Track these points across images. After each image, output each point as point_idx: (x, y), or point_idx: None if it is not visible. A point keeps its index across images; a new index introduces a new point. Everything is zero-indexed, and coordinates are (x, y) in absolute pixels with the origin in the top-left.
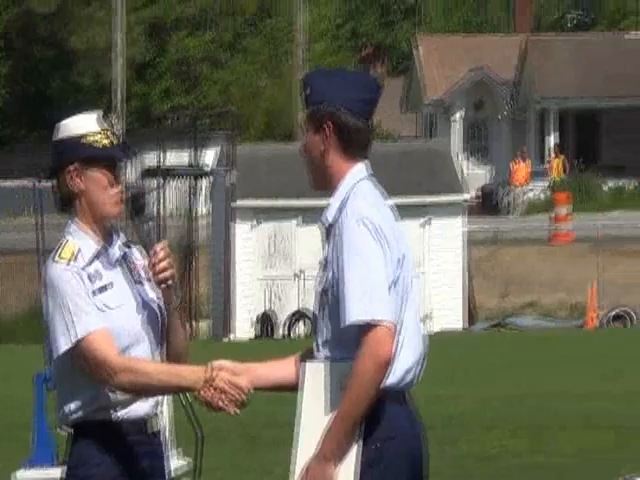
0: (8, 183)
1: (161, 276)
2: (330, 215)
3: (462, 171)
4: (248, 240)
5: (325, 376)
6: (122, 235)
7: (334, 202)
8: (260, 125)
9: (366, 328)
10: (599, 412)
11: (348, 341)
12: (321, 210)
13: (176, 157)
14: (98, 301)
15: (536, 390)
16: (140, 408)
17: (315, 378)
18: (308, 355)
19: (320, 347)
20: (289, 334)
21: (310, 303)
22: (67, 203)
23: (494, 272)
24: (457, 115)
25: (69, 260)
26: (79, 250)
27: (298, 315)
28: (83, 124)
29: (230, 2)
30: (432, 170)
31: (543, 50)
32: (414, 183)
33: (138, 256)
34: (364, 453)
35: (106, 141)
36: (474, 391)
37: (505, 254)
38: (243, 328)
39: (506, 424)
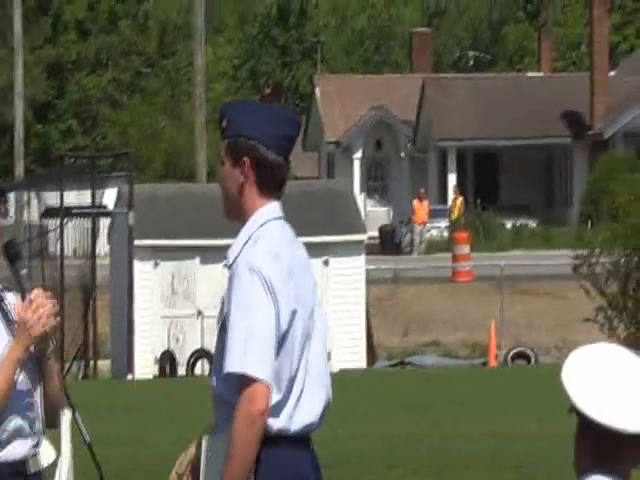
0: None
1: (41, 327)
2: (231, 255)
3: (362, 210)
4: (148, 279)
5: (214, 446)
6: None
7: (237, 242)
8: (159, 166)
9: (242, 380)
10: (502, 451)
11: (234, 382)
12: (221, 250)
13: (76, 197)
14: None
15: (439, 429)
16: (20, 449)
17: (209, 449)
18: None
19: (215, 380)
20: (191, 372)
21: (211, 342)
22: None
23: (395, 311)
24: (357, 154)
25: None
26: None
27: (199, 354)
28: None
29: (129, 42)
30: (333, 210)
31: (442, 89)
32: (314, 223)
33: (12, 300)
34: None
35: None
36: (375, 430)
37: (406, 293)
38: (144, 367)
39: (408, 463)
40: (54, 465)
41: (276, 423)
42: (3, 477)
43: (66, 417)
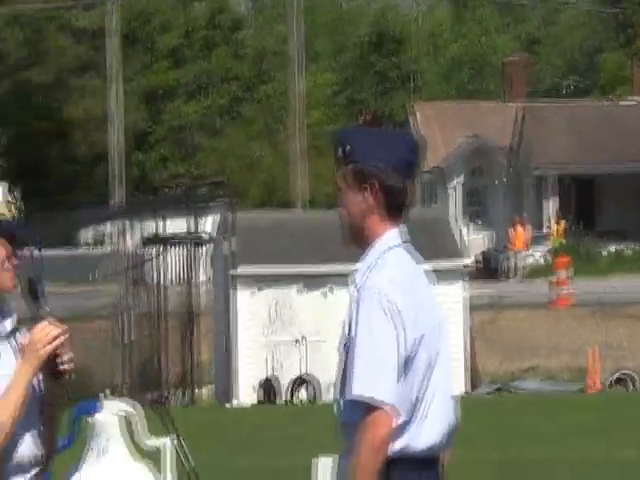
0: None
1: (65, 367)
2: (358, 280)
3: (462, 236)
4: (249, 306)
5: (337, 470)
6: (14, 314)
7: (362, 268)
8: (257, 194)
9: (367, 405)
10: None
11: (350, 415)
12: (321, 277)
13: (174, 225)
14: None
15: (544, 454)
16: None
17: (329, 471)
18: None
19: (341, 405)
20: (291, 399)
21: (312, 368)
22: None
23: (496, 336)
24: (455, 182)
25: None
26: None
27: (300, 381)
28: None
29: (225, 68)
30: (432, 237)
31: (538, 117)
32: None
33: (24, 340)
34: None
35: (7, 214)
36: (483, 454)
37: (506, 318)
38: (246, 394)
39: None
40: None
41: (399, 443)
42: None
43: (169, 444)
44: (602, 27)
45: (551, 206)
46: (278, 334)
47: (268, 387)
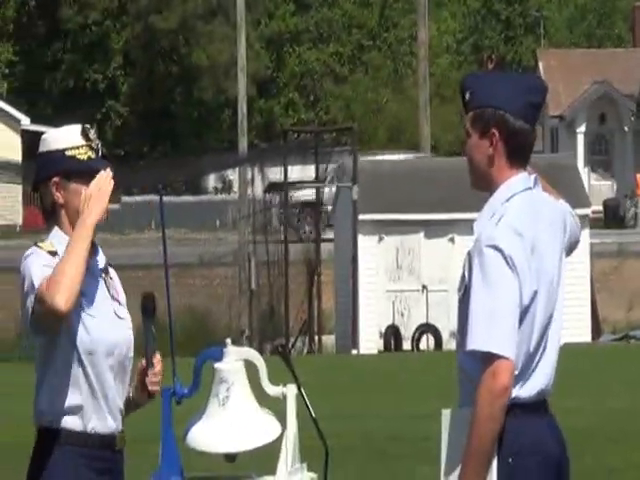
0: (132, 198)
1: (153, 388)
2: (476, 230)
3: (586, 184)
4: (373, 254)
5: (457, 419)
6: (103, 255)
7: (482, 217)
8: (383, 140)
9: (485, 357)
10: None
11: (468, 365)
12: (445, 224)
13: (300, 171)
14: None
15: None
16: (110, 424)
17: (453, 423)
18: None
19: (461, 354)
20: (416, 347)
21: (436, 317)
22: (51, 214)
23: (620, 285)
24: (581, 128)
25: (48, 252)
26: (56, 252)
27: (424, 328)
28: (65, 138)
29: (350, 16)
30: (557, 184)
31: None
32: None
33: (114, 276)
34: (500, 469)
35: (88, 155)
36: (598, 404)
37: (631, 267)
38: (369, 342)
39: (632, 438)
40: (280, 439)
41: (517, 392)
42: (91, 447)
43: (291, 392)
44: None
45: None
46: (402, 282)
47: (391, 335)
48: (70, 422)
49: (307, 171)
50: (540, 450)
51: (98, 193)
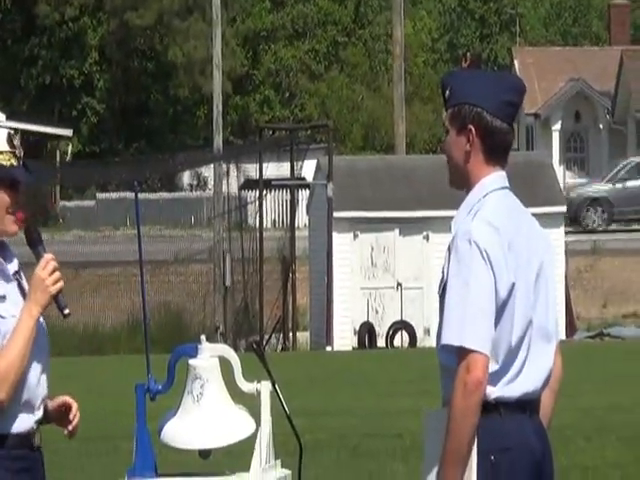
0: (107, 195)
1: (54, 287)
2: (454, 226)
3: (562, 182)
4: (347, 251)
5: (437, 419)
6: (15, 257)
7: (460, 213)
8: (358, 138)
9: (460, 352)
10: None
11: (445, 359)
12: (420, 221)
13: (275, 169)
14: None
15: (637, 401)
16: (26, 422)
17: (434, 423)
18: None
19: (439, 349)
20: (390, 344)
21: (410, 314)
22: None
23: (594, 283)
24: (556, 126)
25: None
26: None
27: (398, 325)
28: None
29: (325, 12)
30: (533, 182)
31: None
32: (515, 194)
33: (24, 276)
34: (482, 466)
35: (10, 162)
36: (573, 401)
37: (605, 264)
38: (343, 339)
39: (607, 435)
40: (254, 436)
41: (494, 391)
42: (9, 448)
43: (265, 389)
44: None
45: None
46: (376, 279)
47: (366, 332)
48: None
49: (282, 169)
50: (523, 449)
51: (43, 284)
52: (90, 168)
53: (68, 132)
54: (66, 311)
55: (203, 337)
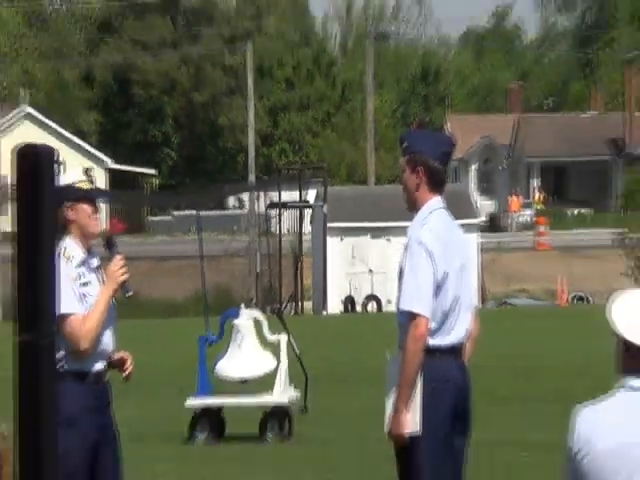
0: (180, 213)
1: (122, 278)
2: (409, 233)
3: (477, 203)
4: (336, 249)
5: (395, 361)
6: (97, 256)
7: (414, 224)
8: (343, 175)
9: (411, 314)
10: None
11: (402, 320)
12: (383, 229)
13: (289, 195)
14: (81, 292)
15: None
16: (100, 365)
17: (395, 362)
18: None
19: (398, 313)
20: (365, 310)
21: (379, 290)
22: (64, 228)
23: (498, 269)
24: (473, 167)
25: (67, 260)
26: (72, 256)
27: (370, 298)
28: (73, 177)
29: (321, 92)
30: (458, 204)
31: (529, 124)
32: (449, 213)
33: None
34: (426, 391)
35: (88, 186)
36: (488, 349)
37: (505, 257)
38: (334, 306)
39: (505, 366)
40: (276, 370)
41: (433, 341)
42: (90, 382)
43: (283, 339)
44: (572, 65)
45: (535, 183)
46: (356, 267)
47: (349, 302)
48: (74, 366)
49: (293, 195)
50: (452, 380)
51: (113, 275)
52: (168, 195)
53: (153, 171)
54: (128, 294)
55: (242, 305)
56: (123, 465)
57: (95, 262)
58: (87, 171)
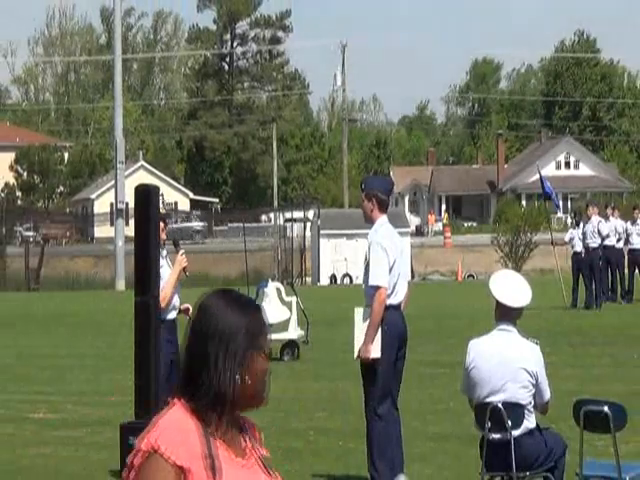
0: (233, 224)
1: (184, 264)
2: (369, 237)
3: (408, 219)
4: (327, 247)
5: (364, 312)
6: (166, 249)
7: (372, 232)
8: (329, 201)
9: (376, 288)
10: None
11: (369, 290)
12: (355, 235)
13: (297, 214)
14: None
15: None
16: (172, 314)
17: (360, 314)
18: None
19: (365, 286)
20: (343, 283)
21: (351, 271)
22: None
23: (421, 259)
24: (406, 198)
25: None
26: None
27: (346, 275)
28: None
29: (314, 152)
30: (396, 219)
31: (440, 172)
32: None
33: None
34: (382, 330)
35: (163, 211)
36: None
37: (426, 252)
38: (323, 280)
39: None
40: (288, 320)
41: (388, 301)
42: (170, 323)
43: (294, 300)
44: (465, 137)
45: (443, 207)
46: (337, 256)
47: (332, 278)
48: (167, 315)
49: (299, 214)
50: (397, 325)
51: (178, 262)
52: (225, 213)
53: (217, 200)
54: (187, 273)
55: (269, 279)
56: None
57: (164, 253)
58: (163, 202)
